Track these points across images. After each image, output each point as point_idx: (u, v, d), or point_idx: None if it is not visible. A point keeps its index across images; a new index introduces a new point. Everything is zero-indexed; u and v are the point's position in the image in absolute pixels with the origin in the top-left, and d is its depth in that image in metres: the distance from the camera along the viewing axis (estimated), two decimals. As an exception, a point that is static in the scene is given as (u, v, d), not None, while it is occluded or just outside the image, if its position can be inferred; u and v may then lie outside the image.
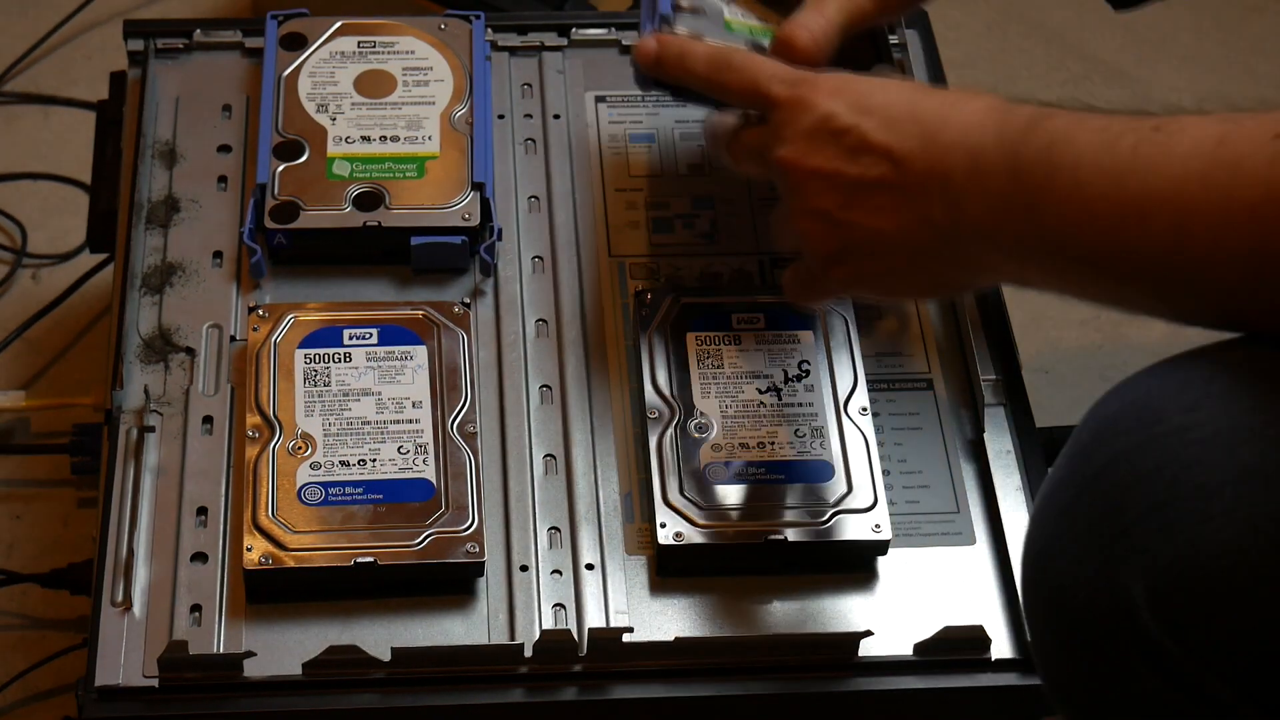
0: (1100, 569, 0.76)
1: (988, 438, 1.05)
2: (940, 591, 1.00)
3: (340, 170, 1.11)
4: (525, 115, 1.19)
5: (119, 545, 0.98)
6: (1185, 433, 0.75)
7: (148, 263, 1.10)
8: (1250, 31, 1.67)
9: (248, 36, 1.21)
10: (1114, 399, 0.80)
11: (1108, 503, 0.77)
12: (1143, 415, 0.77)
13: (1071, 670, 0.79)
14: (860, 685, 0.96)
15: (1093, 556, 0.77)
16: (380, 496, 0.99)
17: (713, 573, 1.00)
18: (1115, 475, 0.77)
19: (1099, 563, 0.76)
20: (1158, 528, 0.74)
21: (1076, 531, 0.78)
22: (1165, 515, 0.74)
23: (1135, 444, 0.77)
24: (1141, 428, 0.77)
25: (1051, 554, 0.79)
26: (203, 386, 1.05)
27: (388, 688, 0.94)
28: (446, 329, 1.06)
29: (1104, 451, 0.78)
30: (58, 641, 1.19)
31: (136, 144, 1.15)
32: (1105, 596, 0.76)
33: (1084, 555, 0.77)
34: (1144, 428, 0.77)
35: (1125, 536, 0.75)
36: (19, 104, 1.52)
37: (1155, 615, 0.74)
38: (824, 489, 1.00)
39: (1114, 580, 0.75)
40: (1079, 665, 0.78)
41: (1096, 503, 0.77)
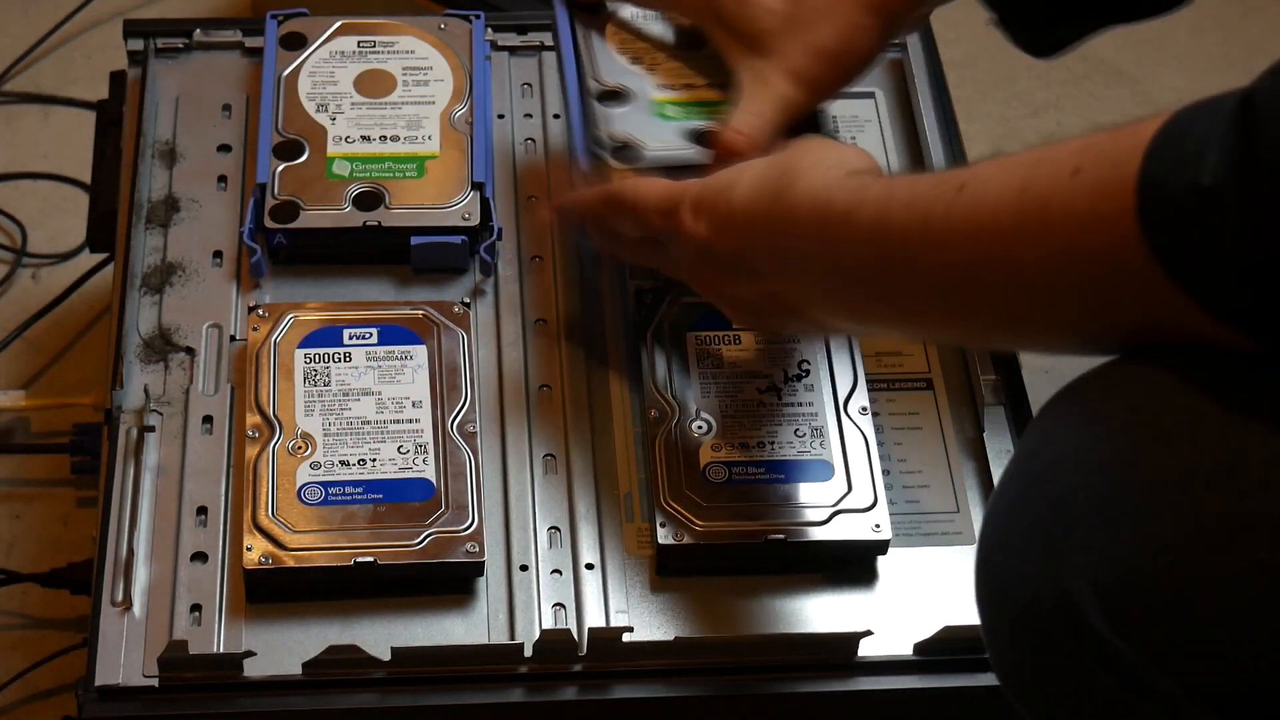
0: (1046, 566, 0.76)
1: (988, 438, 1.05)
2: (940, 591, 1.00)
3: (340, 170, 1.11)
4: (525, 115, 1.19)
5: (119, 545, 0.98)
6: (1130, 431, 0.76)
7: (148, 262, 1.10)
8: (1250, 31, 1.67)
9: (248, 36, 1.21)
10: (1061, 399, 0.80)
11: (1053, 500, 0.77)
12: (1089, 413, 0.78)
13: (1022, 667, 0.79)
14: (860, 685, 0.96)
15: (1038, 554, 0.77)
16: (380, 496, 0.99)
17: (713, 573, 1.00)
18: (1060, 473, 0.77)
19: (1045, 559, 0.76)
20: (1102, 525, 0.74)
21: (1023, 528, 0.78)
22: (1109, 512, 0.75)
23: (1081, 442, 0.77)
24: (1087, 425, 0.77)
25: (999, 550, 0.80)
26: (203, 386, 1.05)
27: (387, 687, 0.94)
28: (446, 329, 1.06)
29: (1050, 450, 0.78)
30: (58, 641, 1.19)
31: (136, 144, 1.15)
32: (1051, 593, 0.76)
33: (1029, 553, 0.77)
34: (1089, 425, 0.77)
35: (1070, 534, 0.75)
36: (19, 104, 1.52)
37: (1101, 612, 0.74)
38: (824, 489, 1.00)
39: (1059, 577, 0.75)
40: (1029, 662, 0.79)
41: (1042, 500, 0.77)
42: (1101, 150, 0.75)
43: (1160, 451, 0.74)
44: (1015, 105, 1.58)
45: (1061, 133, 1.57)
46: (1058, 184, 0.76)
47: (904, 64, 1.22)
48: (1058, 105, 1.59)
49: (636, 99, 1.07)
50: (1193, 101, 0.74)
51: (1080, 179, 0.75)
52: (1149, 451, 0.75)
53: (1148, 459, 0.75)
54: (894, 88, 1.22)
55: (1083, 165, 0.75)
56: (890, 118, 1.21)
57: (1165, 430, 0.75)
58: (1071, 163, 0.76)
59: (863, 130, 1.20)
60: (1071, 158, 0.76)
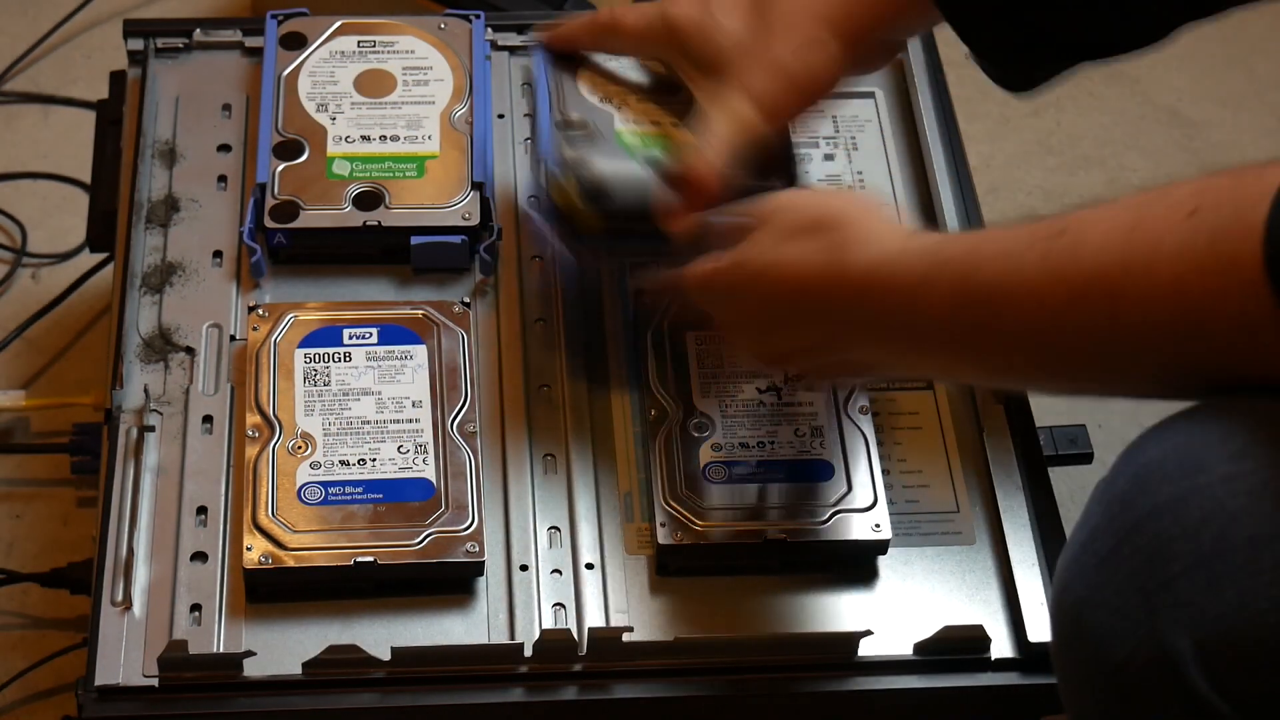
0: (1143, 623, 0.74)
1: (987, 438, 1.05)
2: (940, 591, 1.00)
3: (340, 170, 1.11)
4: (525, 115, 1.19)
5: (119, 545, 0.98)
6: (1231, 482, 0.74)
7: (148, 262, 1.10)
8: (1250, 31, 1.67)
9: (248, 36, 1.21)
10: (1153, 444, 0.77)
11: (1151, 554, 0.74)
12: (1185, 463, 0.75)
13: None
14: (860, 685, 0.96)
15: (1135, 609, 0.74)
16: (380, 496, 0.99)
17: (713, 572, 1.00)
18: (1158, 526, 0.75)
19: (1142, 616, 0.74)
20: (1205, 581, 0.73)
21: (1117, 583, 0.75)
22: (1212, 568, 0.73)
23: (1179, 493, 0.74)
24: (1185, 476, 0.75)
25: (1090, 605, 0.76)
26: (203, 386, 1.05)
27: (387, 687, 0.94)
28: (446, 328, 1.06)
29: (1145, 500, 0.76)
30: (58, 641, 1.19)
31: (136, 143, 1.15)
32: (1149, 651, 0.74)
33: (1125, 608, 0.75)
34: (1187, 476, 0.75)
35: (1169, 590, 0.73)
36: (19, 104, 1.52)
37: (1204, 671, 0.72)
38: (824, 488, 1.00)
39: (1159, 635, 0.73)
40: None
41: (1138, 554, 0.75)
42: (1221, 193, 0.75)
43: (1265, 505, 0.73)
44: (1015, 105, 1.58)
45: (1061, 133, 1.58)
46: (1172, 224, 0.76)
47: (904, 64, 1.22)
48: (1058, 105, 1.59)
49: (597, 132, 1.04)
50: None
51: (1198, 220, 0.75)
52: (1253, 505, 0.73)
53: (1251, 512, 0.73)
54: (894, 88, 1.22)
55: (1201, 207, 0.75)
56: (890, 118, 1.21)
57: (1268, 482, 0.73)
58: (1188, 204, 0.76)
59: (863, 130, 1.20)
60: (1188, 199, 0.76)
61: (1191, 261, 0.75)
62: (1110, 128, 1.59)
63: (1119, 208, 0.79)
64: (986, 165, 1.53)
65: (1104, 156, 1.57)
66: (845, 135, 1.19)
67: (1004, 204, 1.51)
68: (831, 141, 1.19)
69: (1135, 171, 1.55)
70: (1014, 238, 0.82)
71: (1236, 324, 0.74)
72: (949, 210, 1.15)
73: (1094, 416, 1.17)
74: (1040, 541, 1.01)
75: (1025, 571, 1.00)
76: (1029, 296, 0.80)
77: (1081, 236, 0.79)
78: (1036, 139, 1.57)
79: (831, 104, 1.20)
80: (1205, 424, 0.76)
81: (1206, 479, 0.74)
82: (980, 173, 1.38)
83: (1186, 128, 1.59)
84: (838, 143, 1.19)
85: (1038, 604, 0.98)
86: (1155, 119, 1.60)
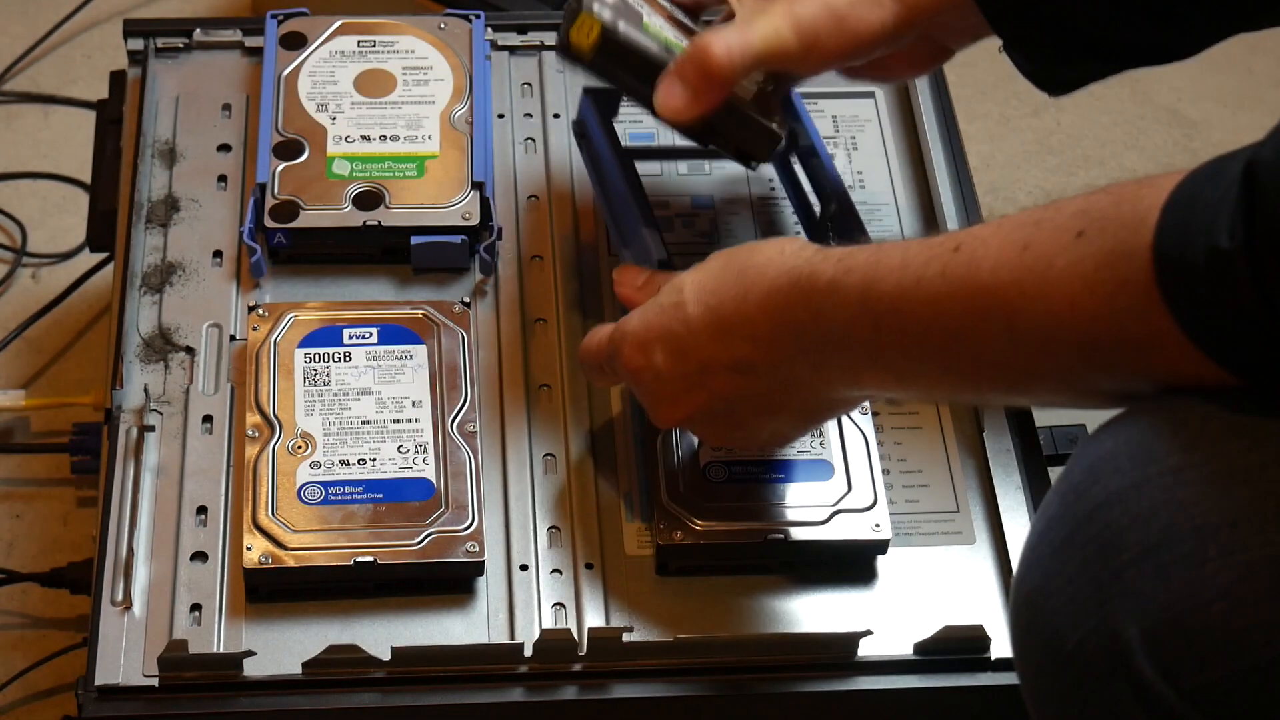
0: (1093, 611, 0.75)
1: (987, 437, 1.05)
2: (940, 591, 1.00)
3: (340, 169, 1.11)
4: (525, 114, 1.19)
5: (119, 544, 0.98)
6: (1180, 473, 0.75)
7: (148, 262, 1.10)
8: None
9: (247, 36, 1.21)
10: (1108, 437, 0.79)
11: (1101, 544, 0.76)
12: (1136, 454, 0.77)
13: (1064, 711, 0.78)
14: (860, 685, 0.96)
15: (1086, 598, 0.76)
16: (380, 496, 0.99)
17: (713, 572, 1.00)
18: (1109, 515, 0.76)
19: (1092, 604, 0.75)
20: (1153, 570, 0.74)
21: (1069, 572, 0.77)
22: (1160, 557, 0.74)
23: (1129, 483, 0.76)
24: (1136, 467, 0.76)
25: (1043, 593, 0.78)
26: (202, 386, 1.05)
27: (388, 687, 0.94)
28: (446, 328, 1.06)
29: (1097, 490, 0.77)
30: (58, 641, 1.19)
31: (136, 143, 1.15)
32: (1098, 639, 0.75)
33: (1077, 596, 0.76)
34: (1138, 467, 0.76)
35: (1119, 579, 0.75)
36: (19, 103, 1.52)
37: (1150, 659, 0.73)
38: (824, 488, 1.00)
39: (1108, 623, 0.75)
40: (1072, 707, 0.77)
41: (1090, 543, 0.76)
42: (1104, 215, 0.77)
43: (1212, 495, 0.74)
44: (1015, 105, 1.58)
45: (1061, 133, 1.58)
46: (1061, 245, 0.78)
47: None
48: (1058, 105, 1.59)
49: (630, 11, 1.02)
50: (1191, 170, 0.76)
51: (1085, 243, 0.77)
52: (1200, 495, 0.74)
53: (1199, 502, 0.74)
54: (894, 88, 1.22)
55: (1086, 230, 0.77)
56: (890, 118, 1.21)
57: (1217, 473, 0.74)
58: (1074, 225, 0.78)
59: (863, 130, 1.20)
60: (1073, 220, 0.78)
61: (1082, 283, 0.77)
62: (1110, 128, 1.59)
63: (1011, 226, 0.81)
64: (986, 165, 1.53)
65: (1104, 156, 1.57)
66: (845, 135, 1.19)
67: (1004, 204, 1.51)
68: (831, 141, 1.19)
69: (1135, 171, 1.55)
70: (914, 251, 0.84)
71: (1133, 342, 0.76)
72: (949, 210, 1.15)
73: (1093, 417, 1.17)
74: (1040, 541, 1.01)
75: (1025, 571, 1.00)
76: (929, 306, 0.82)
77: (975, 254, 0.81)
78: (1036, 139, 1.57)
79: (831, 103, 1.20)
80: (1157, 417, 0.77)
81: (1157, 469, 0.75)
82: (980, 173, 1.39)
83: (1186, 128, 1.59)
84: (838, 143, 1.19)
85: (1038, 604, 0.98)
86: (1155, 119, 1.60)
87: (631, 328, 0.95)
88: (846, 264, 0.86)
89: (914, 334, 0.83)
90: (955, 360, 0.83)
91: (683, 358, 0.93)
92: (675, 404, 0.94)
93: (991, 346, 0.81)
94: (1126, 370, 0.78)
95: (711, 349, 0.91)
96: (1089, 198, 0.79)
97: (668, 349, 0.93)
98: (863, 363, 0.87)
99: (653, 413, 0.96)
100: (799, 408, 0.93)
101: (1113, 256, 0.76)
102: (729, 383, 0.92)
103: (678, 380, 0.93)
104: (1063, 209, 0.79)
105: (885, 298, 0.84)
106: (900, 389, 0.89)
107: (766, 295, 0.89)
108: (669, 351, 0.93)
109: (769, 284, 0.89)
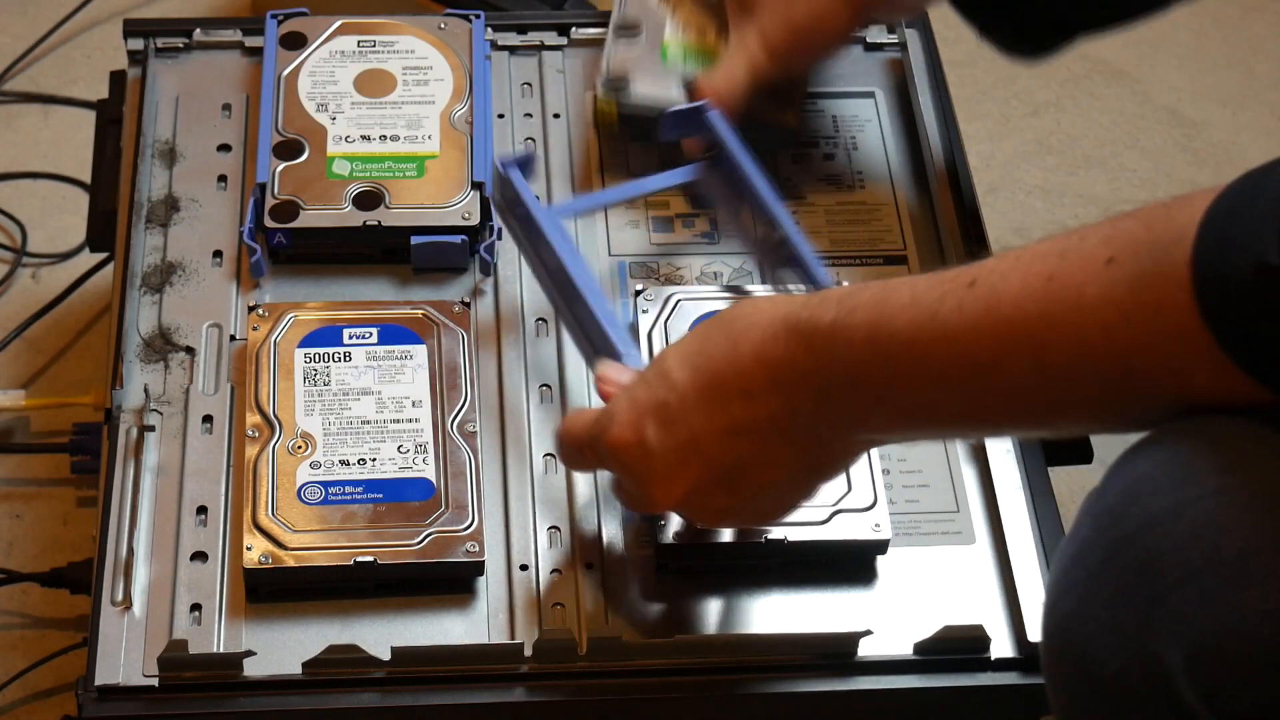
0: (1133, 636, 0.74)
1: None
2: (940, 591, 1.00)
3: (340, 169, 1.11)
4: (525, 115, 1.19)
5: (119, 544, 0.98)
6: (1222, 495, 0.73)
7: (148, 262, 1.10)
8: (1250, 31, 1.67)
9: (247, 36, 1.21)
10: (1143, 458, 0.77)
11: (1141, 567, 0.74)
12: (1175, 476, 0.75)
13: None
14: (860, 685, 0.96)
15: (1125, 623, 0.74)
16: (380, 496, 0.99)
17: (713, 572, 1.00)
18: (1149, 539, 0.74)
19: (1132, 629, 0.74)
20: (1195, 594, 0.72)
21: (1106, 597, 0.75)
22: (1203, 581, 0.72)
23: (1169, 506, 0.74)
24: (1175, 489, 0.74)
25: (1080, 618, 0.76)
26: (202, 386, 1.05)
27: (388, 687, 0.94)
28: (446, 328, 1.06)
29: (1135, 513, 0.75)
30: (58, 641, 1.19)
31: (136, 143, 1.15)
32: (1139, 665, 0.73)
33: (1115, 621, 0.75)
34: (1178, 489, 0.74)
35: (1160, 603, 0.73)
36: (19, 104, 1.52)
37: (1192, 684, 0.72)
38: (824, 489, 1.00)
39: (1148, 648, 0.73)
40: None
41: (1129, 567, 0.75)
42: (1136, 238, 0.76)
43: (1254, 517, 0.72)
44: (1015, 105, 1.58)
45: (1061, 133, 1.58)
46: (1091, 274, 0.76)
47: (904, 64, 1.22)
48: (1058, 105, 1.59)
49: (646, 36, 1.16)
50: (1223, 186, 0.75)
51: (1117, 268, 0.76)
52: (1243, 517, 0.73)
53: (1241, 525, 0.72)
54: (894, 88, 1.22)
55: (1117, 255, 0.76)
56: (890, 118, 1.21)
57: (1258, 495, 0.73)
58: (1102, 253, 0.76)
59: (863, 130, 1.20)
60: (1101, 248, 0.77)
61: (1116, 310, 0.76)
62: (1110, 128, 1.59)
63: (1030, 258, 0.79)
64: (986, 165, 1.53)
65: (1104, 156, 1.57)
66: (845, 135, 1.19)
67: (1004, 204, 1.51)
68: (831, 141, 1.19)
69: (1135, 171, 1.55)
70: (922, 288, 0.82)
71: (1170, 366, 0.75)
72: (949, 210, 1.15)
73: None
74: (1040, 541, 1.01)
75: (1025, 571, 1.00)
76: (945, 343, 0.80)
77: (995, 288, 0.79)
78: (1036, 139, 1.57)
79: (832, 103, 1.21)
80: (1195, 438, 0.76)
81: (1197, 492, 0.74)
82: (980, 173, 1.38)
83: (1186, 128, 1.59)
84: (838, 143, 1.19)
85: (1038, 604, 0.98)
86: (1155, 119, 1.60)
87: (620, 407, 0.91)
88: (849, 304, 0.84)
89: (929, 371, 0.81)
90: (975, 397, 0.81)
91: (674, 427, 0.88)
92: (669, 481, 0.90)
93: (1016, 382, 0.79)
94: (1160, 395, 0.76)
95: (704, 413, 0.88)
96: (1114, 223, 0.77)
97: (658, 421, 0.89)
98: (871, 404, 0.84)
99: (644, 496, 0.91)
100: (801, 464, 0.89)
101: (1147, 279, 0.75)
102: (725, 448, 0.88)
103: (670, 454, 0.89)
104: (1087, 237, 0.78)
105: (897, 335, 0.81)
106: (910, 429, 0.87)
107: (760, 344, 0.86)
108: (659, 423, 0.89)
109: (761, 332, 0.86)
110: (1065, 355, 0.77)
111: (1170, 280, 0.74)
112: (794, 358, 0.85)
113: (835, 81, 1.22)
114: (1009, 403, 0.81)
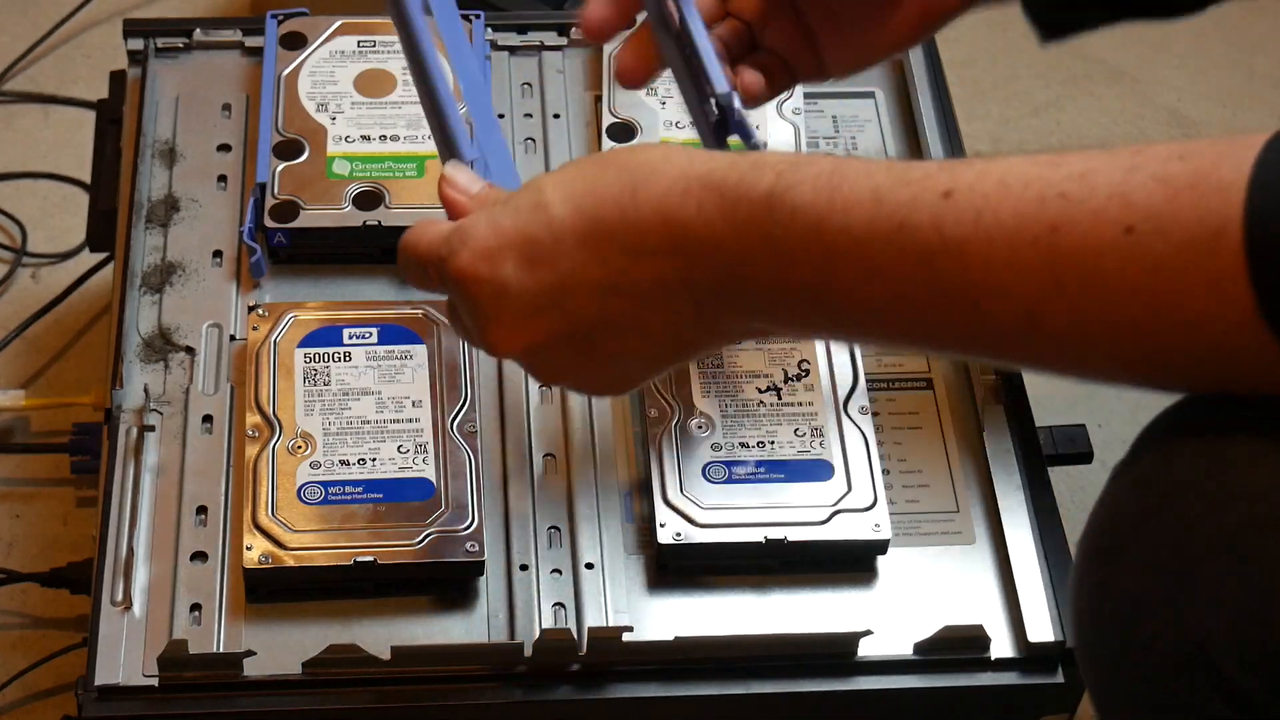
0: (1169, 602, 0.71)
1: (987, 437, 1.05)
2: (940, 591, 1.00)
3: (340, 169, 1.11)
4: (525, 115, 1.19)
5: (119, 544, 0.98)
6: (1257, 459, 0.70)
7: (148, 262, 1.10)
8: (1250, 31, 1.67)
9: (247, 35, 1.21)
10: (1173, 425, 0.74)
11: (1177, 533, 0.71)
12: (1208, 443, 0.72)
13: (1134, 707, 0.74)
14: (860, 685, 0.96)
15: (1160, 591, 0.71)
16: (380, 496, 0.99)
17: (713, 572, 1.00)
18: (1184, 505, 0.71)
19: (1167, 597, 0.71)
20: (1233, 560, 0.70)
21: (1140, 562, 0.72)
22: (1240, 546, 0.70)
23: (1202, 472, 0.71)
24: (1207, 455, 0.71)
25: (1111, 588, 0.73)
26: (202, 386, 1.05)
27: (387, 687, 0.94)
28: (446, 328, 1.06)
29: (1168, 480, 0.72)
30: (58, 641, 1.19)
31: (136, 143, 1.15)
32: (1175, 631, 0.71)
33: (1150, 590, 0.72)
34: (1210, 455, 0.71)
35: (1196, 569, 0.70)
36: (19, 103, 1.52)
37: (1232, 650, 0.70)
38: (824, 488, 1.00)
39: (1185, 615, 0.71)
40: (1143, 702, 0.73)
41: (1164, 534, 0.71)
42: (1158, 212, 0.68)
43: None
44: (1015, 105, 1.58)
45: (1061, 133, 1.58)
46: (1107, 242, 0.69)
47: (904, 64, 1.22)
48: (1058, 104, 1.59)
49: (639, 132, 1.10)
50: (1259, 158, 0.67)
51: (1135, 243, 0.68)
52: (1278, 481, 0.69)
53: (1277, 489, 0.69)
54: (894, 88, 1.22)
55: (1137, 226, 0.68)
56: (890, 118, 1.21)
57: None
58: (1121, 218, 0.69)
59: (863, 130, 1.20)
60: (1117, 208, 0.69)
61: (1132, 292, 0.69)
62: (1110, 128, 1.59)
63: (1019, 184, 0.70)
64: (986, 165, 1.53)
65: (1104, 156, 1.56)
66: (845, 135, 1.19)
67: (1004, 204, 1.51)
68: (831, 142, 1.19)
69: (1135, 171, 1.55)
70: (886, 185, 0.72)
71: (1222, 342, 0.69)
72: (949, 210, 1.14)
73: (1094, 416, 1.17)
74: (1040, 541, 1.01)
75: (1025, 571, 1.00)
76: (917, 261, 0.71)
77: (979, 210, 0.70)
78: (1036, 139, 1.57)
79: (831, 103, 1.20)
80: (1227, 403, 0.72)
81: (1230, 456, 0.71)
82: (980, 173, 1.38)
83: (1186, 128, 1.59)
84: (837, 143, 1.19)
85: (1038, 604, 0.98)
86: (1155, 119, 1.60)
87: (478, 230, 0.79)
88: (790, 178, 0.73)
89: (885, 284, 0.72)
90: (937, 325, 0.73)
91: (540, 269, 0.78)
92: (517, 327, 0.80)
93: (1003, 327, 0.72)
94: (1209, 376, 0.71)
95: (579, 260, 0.77)
96: (1127, 179, 0.69)
97: (522, 258, 0.78)
98: (791, 295, 0.74)
99: (482, 336, 0.82)
100: (667, 339, 0.79)
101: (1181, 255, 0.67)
102: (592, 304, 0.78)
103: (527, 297, 0.79)
104: (1095, 188, 0.69)
105: (851, 230, 0.72)
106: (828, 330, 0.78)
107: (664, 198, 0.75)
108: (523, 261, 0.78)
109: (669, 184, 0.75)
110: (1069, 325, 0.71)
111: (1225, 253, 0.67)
112: (708, 221, 0.75)
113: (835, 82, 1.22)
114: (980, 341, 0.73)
